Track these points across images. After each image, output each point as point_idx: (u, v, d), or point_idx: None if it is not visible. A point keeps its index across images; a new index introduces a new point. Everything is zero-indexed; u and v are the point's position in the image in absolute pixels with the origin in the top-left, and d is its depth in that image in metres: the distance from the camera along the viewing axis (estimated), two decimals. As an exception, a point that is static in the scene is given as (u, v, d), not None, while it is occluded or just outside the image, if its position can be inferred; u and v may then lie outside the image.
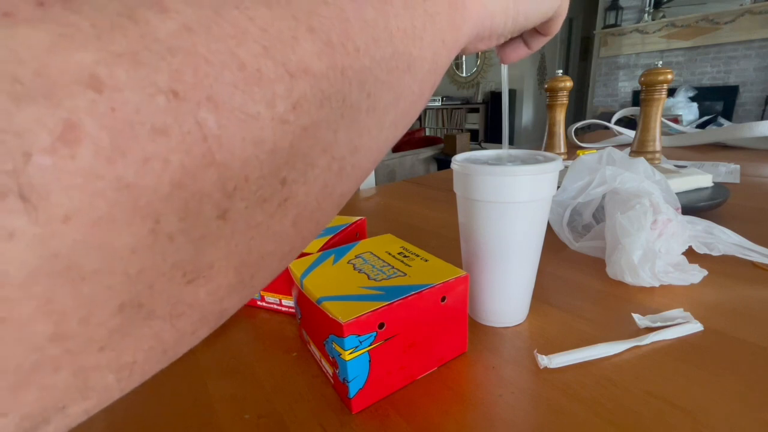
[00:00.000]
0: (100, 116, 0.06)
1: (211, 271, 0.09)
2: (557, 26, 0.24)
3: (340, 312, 0.24)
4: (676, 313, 0.33)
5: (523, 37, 0.25)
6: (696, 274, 0.37)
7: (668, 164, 0.74)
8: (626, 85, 4.46)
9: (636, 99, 4.30)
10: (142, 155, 0.07)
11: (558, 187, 0.43)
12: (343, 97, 0.10)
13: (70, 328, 0.07)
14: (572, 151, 0.98)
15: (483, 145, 4.89)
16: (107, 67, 0.07)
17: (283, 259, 0.11)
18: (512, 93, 4.97)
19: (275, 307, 0.37)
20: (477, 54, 5.43)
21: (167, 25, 0.07)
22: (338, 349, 0.24)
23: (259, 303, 0.38)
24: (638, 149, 0.74)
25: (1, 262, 0.06)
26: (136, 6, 0.07)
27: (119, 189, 0.07)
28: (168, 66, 0.07)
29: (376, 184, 0.91)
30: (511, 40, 0.25)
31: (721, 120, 1.52)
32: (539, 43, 0.25)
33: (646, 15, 4.12)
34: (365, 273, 0.29)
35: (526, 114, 5.30)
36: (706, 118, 1.80)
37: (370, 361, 0.25)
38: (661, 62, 0.70)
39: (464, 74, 5.75)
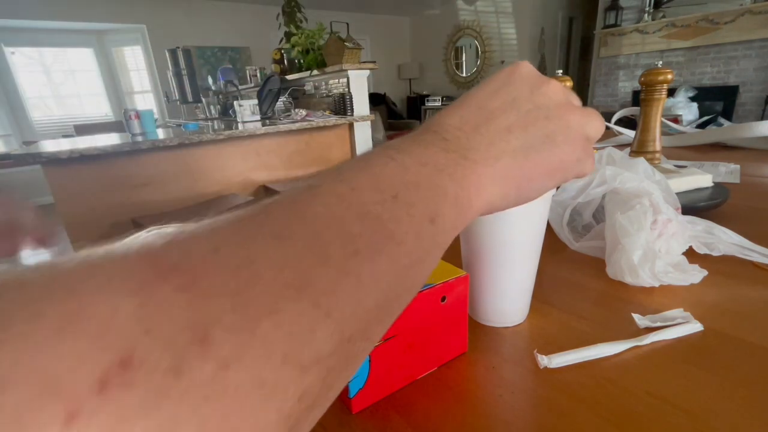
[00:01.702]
0: None
1: None
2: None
3: (340, 312, 0.24)
4: (676, 313, 0.33)
5: None
6: (696, 274, 0.37)
7: (668, 164, 0.74)
8: (626, 85, 4.46)
9: (636, 99, 4.29)
10: None
11: (558, 187, 0.43)
12: (346, 357, 0.12)
13: None
14: (572, 151, 0.98)
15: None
16: None
17: None
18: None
19: (275, 307, 0.37)
20: (477, 54, 5.44)
21: (205, 370, 0.08)
22: (338, 349, 0.24)
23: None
24: (638, 149, 0.74)
25: None
26: (183, 356, 0.08)
27: None
28: (199, 419, 0.08)
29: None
30: None
31: (721, 120, 1.53)
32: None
33: (646, 15, 4.12)
34: (365, 273, 0.29)
35: (526, 114, 5.29)
36: (706, 118, 1.81)
37: (370, 361, 0.25)
38: (661, 62, 0.70)
39: (464, 74, 5.75)
